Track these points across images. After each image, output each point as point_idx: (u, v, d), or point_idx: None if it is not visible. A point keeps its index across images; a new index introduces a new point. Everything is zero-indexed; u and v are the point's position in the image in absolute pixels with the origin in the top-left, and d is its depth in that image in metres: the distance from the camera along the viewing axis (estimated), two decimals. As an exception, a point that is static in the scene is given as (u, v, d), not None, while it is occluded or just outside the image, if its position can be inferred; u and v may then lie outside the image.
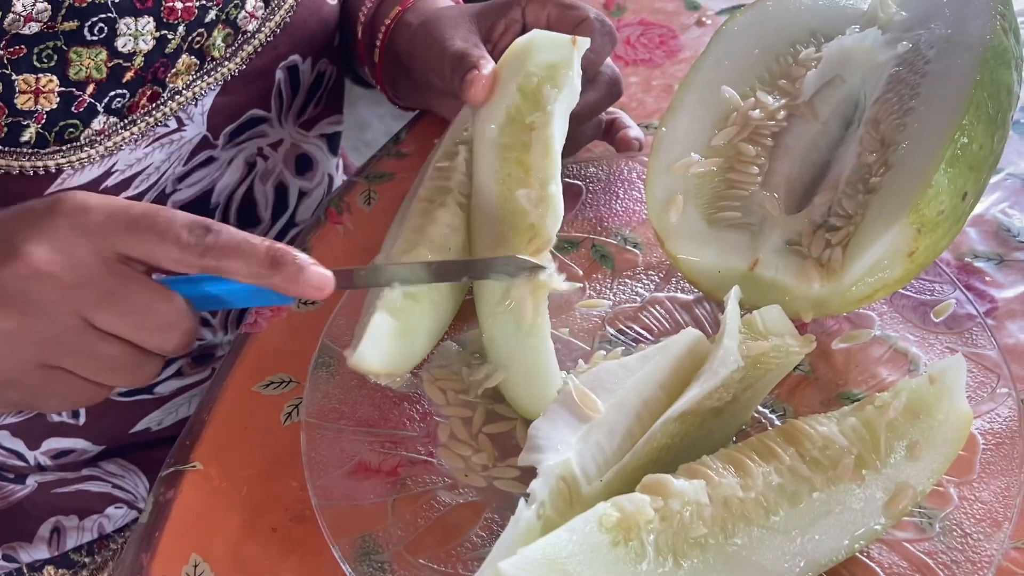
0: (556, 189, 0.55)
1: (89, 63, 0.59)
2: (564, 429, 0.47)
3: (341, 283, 0.49)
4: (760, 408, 0.56)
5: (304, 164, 0.78)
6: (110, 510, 0.75)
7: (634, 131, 0.69)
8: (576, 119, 0.59)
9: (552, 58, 0.57)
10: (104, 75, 0.60)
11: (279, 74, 0.70)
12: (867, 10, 0.61)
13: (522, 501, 0.43)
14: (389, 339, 0.54)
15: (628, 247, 0.66)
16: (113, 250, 0.45)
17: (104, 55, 0.59)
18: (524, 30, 0.63)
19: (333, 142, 0.81)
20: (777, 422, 0.56)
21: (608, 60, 0.65)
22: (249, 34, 0.67)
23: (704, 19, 0.86)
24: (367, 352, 0.52)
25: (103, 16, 0.58)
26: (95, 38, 0.58)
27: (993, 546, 0.48)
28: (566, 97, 0.57)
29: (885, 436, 0.48)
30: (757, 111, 0.59)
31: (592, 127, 0.68)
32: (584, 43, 0.56)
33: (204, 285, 0.48)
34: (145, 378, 0.49)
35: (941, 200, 0.49)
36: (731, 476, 0.46)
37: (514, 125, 0.58)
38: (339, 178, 0.85)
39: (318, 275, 0.47)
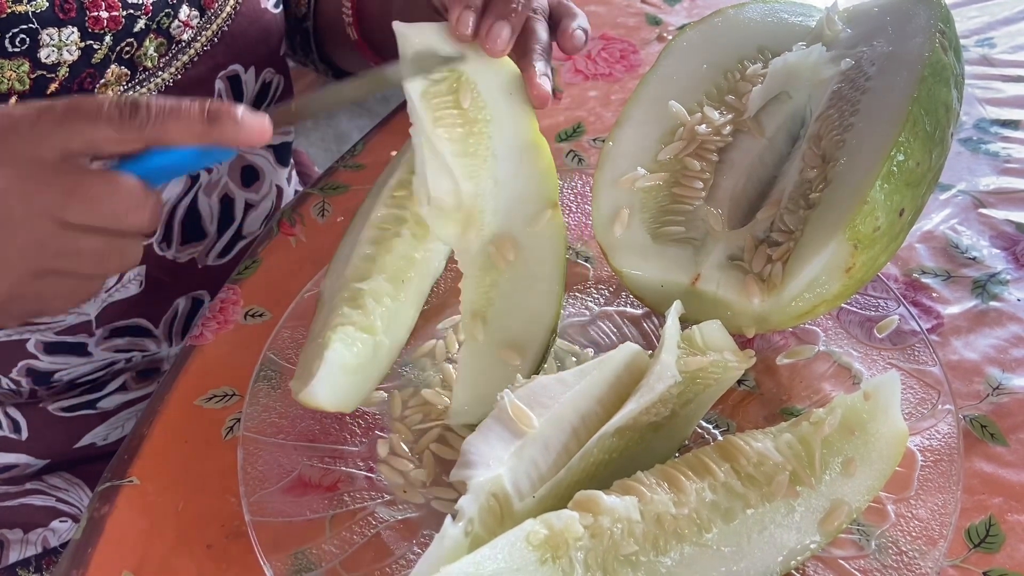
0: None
1: (11, 75, 0.58)
2: (497, 445, 0.47)
3: (279, 122, 0.50)
4: (703, 423, 0.56)
5: (250, 176, 0.77)
6: (55, 524, 0.73)
7: (578, 21, 0.59)
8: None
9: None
10: (27, 87, 0.59)
11: (219, 84, 0.69)
12: (814, 27, 0.61)
13: (448, 518, 0.43)
14: (343, 376, 0.53)
15: (580, 261, 0.66)
16: (54, 150, 0.46)
17: (27, 66, 0.58)
18: None
19: (281, 153, 0.80)
20: (720, 437, 0.55)
21: None
22: (184, 44, 0.66)
23: (665, 34, 0.86)
24: (319, 390, 0.52)
25: (24, 27, 0.57)
26: (16, 49, 0.57)
27: (928, 564, 0.48)
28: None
29: (820, 452, 0.48)
30: (703, 126, 0.59)
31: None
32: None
33: (151, 160, 0.48)
34: (132, 260, 0.51)
35: (877, 216, 0.49)
36: (664, 492, 0.46)
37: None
38: (290, 189, 0.85)
39: (256, 120, 0.48)
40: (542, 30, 0.57)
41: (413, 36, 0.54)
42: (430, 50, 0.53)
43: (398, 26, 0.54)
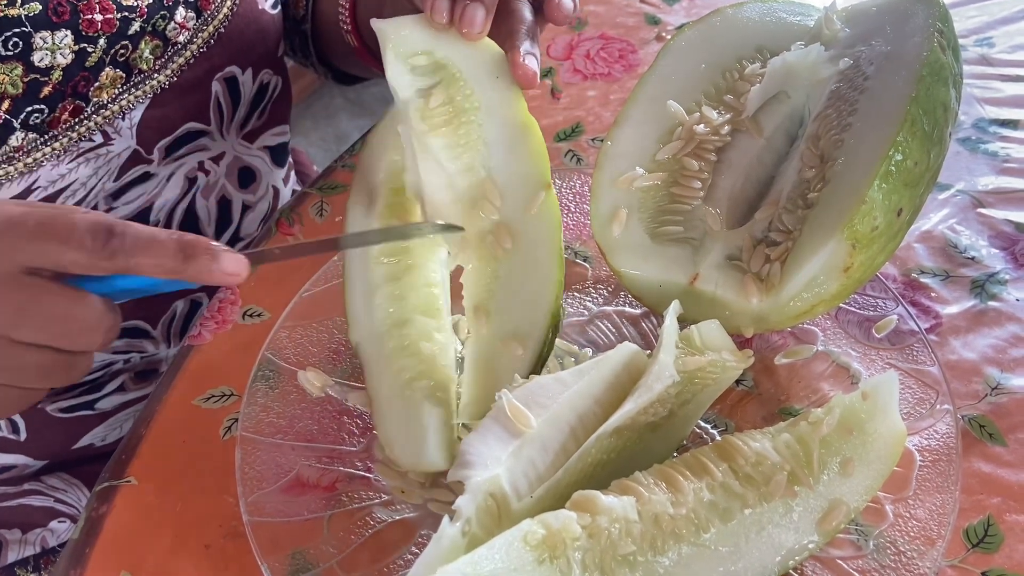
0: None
1: (4, 79, 0.57)
2: (495, 445, 0.47)
3: (259, 262, 0.48)
4: (702, 423, 0.56)
5: (247, 177, 0.77)
6: (53, 524, 0.73)
7: None
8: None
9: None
10: (20, 90, 0.58)
11: (216, 86, 0.69)
12: (813, 27, 0.61)
13: (445, 518, 0.43)
14: (446, 432, 0.53)
15: (578, 260, 0.66)
16: (17, 265, 0.44)
17: (20, 70, 0.57)
18: None
19: (277, 154, 0.80)
20: (718, 437, 0.55)
21: None
22: (180, 46, 0.65)
23: (664, 34, 0.86)
24: (436, 456, 0.51)
25: (17, 30, 0.57)
26: (9, 53, 0.57)
27: (926, 564, 0.48)
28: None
29: (818, 452, 0.48)
30: (702, 126, 0.59)
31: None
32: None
33: (116, 281, 0.47)
34: (79, 374, 0.49)
35: (875, 216, 0.49)
36: (662, 492, 0.46)
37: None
38: (286, 190, 0.84)
39: (233, 260, 0.46)
40: (525, 10, 0.56)
41: (391, 31, 0.53)
42: (432, 224, 0.53)
43: (376, 23, 0.53)
